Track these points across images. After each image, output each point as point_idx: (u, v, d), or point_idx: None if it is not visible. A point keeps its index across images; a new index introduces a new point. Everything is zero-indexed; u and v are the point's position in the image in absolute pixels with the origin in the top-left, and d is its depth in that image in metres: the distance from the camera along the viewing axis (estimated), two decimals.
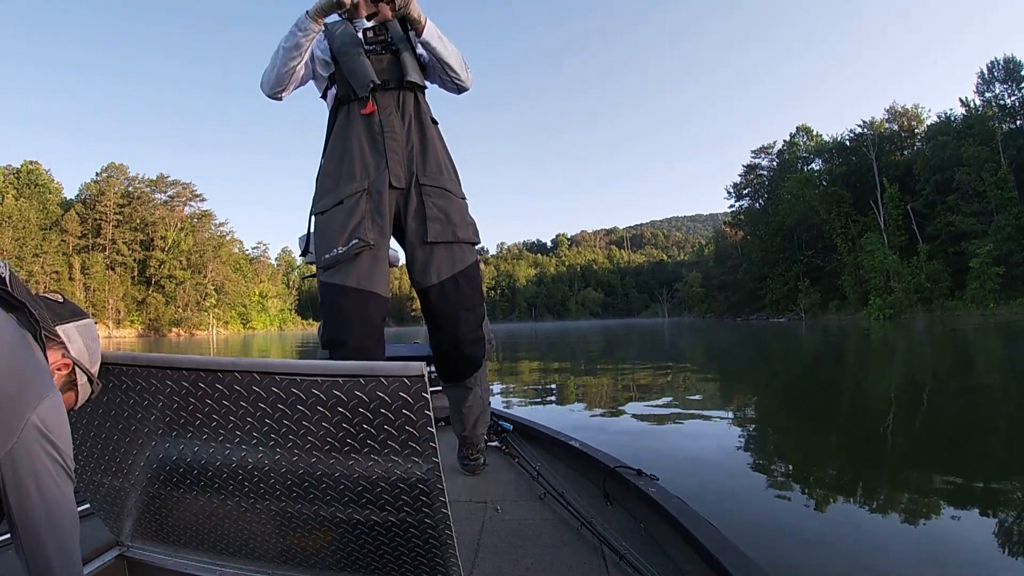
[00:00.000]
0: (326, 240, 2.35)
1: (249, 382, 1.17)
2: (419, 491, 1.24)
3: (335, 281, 2.32)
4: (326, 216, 2.38)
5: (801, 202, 72.72)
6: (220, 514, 1.45)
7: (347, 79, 2.43)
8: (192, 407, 1.26)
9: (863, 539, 3.06)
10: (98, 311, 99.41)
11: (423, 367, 1.07)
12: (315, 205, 2.45)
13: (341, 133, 2.44)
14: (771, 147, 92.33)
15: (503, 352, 21.36)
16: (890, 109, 73.28)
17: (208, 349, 36.25)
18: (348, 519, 1.35)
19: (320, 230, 2.40)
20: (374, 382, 1.11)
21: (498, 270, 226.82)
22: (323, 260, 2.34)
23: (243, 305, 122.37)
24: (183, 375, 1.19)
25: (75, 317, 1.26)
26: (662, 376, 11.78)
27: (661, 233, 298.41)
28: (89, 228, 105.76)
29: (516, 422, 3.69)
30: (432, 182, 2.44)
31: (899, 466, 4.67)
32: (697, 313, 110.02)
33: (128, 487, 1.52)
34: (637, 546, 1.97)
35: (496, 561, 1.94)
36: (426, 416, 1.13)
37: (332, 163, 2.43)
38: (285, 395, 1.16)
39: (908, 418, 6.60)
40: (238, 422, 1.24)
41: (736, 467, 4.61)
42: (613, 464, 2.54)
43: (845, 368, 12.84)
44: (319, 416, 1.17)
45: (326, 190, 2.42)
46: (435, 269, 2.43)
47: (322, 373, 1.12)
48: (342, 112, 2.46)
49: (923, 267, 55.58)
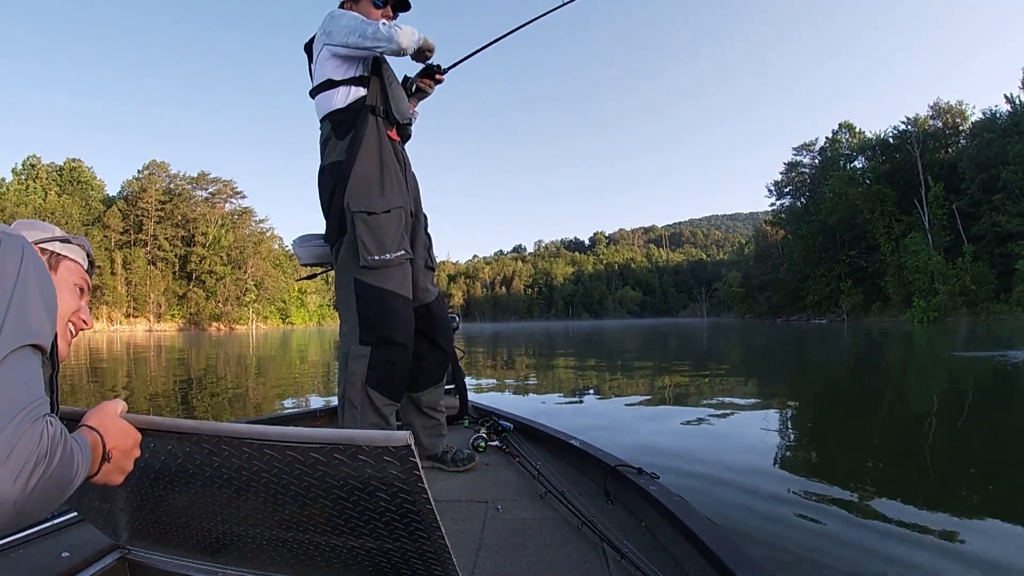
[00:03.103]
0: (376, 242, 2.53)
1: (218, 443, 1.13)
2: (414, 528, 1.20)
3: (385, 285, 2.56)
4: (376, 218, 2.55)
5: (844, 200, 71.62)
6: (221, 517, 1.45)
7: (388, 98, 2.70)
8: (160, 466, 1.23)
9: (863, 538, 3.09)
10: (139, 305, 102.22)
11: (408, 436, 1.01)
12: (355, 202, 2.55)
13: (376, 142, 2.64)
14: (813, 144, 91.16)
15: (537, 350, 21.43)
16: (934, 105, 71.67)
17: (248, 343, 36.20)
18: (344, 544, 1.35)
19: (370, 229, 2.53)
20: (354, 450, 1.05)
21: (535, 268, 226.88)
22: (371, 260, 2.51)
23: (282, 300, 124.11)
24: (149, 435, 1.14)
25: None
26: (685, 378, 11.61)
27: (700, 232, 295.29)
28: (131, 224, 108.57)
29: (516, 421, 3.71)
30: (426, 218, 2.99)
31: (906, 469, 4.61)
32: (736, 313, 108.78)
33: (124, 490, 1.47)
34: (638, 544, 1.99)
35: (497, 560, 1.94)
36: (418, 486, 1.08)
37: (372, 167, 2.61)
38: (259, 456, 1.12)
39: (925, 425, 6.43)
40: (214, 472, 1.21)
41: (737, 466, 4.59)
42: (614, 463, 2.54)
43: (879, 373, 12.73)
44: (299, 472, 1.13)
45: (370, 193, 2.57)
46: (434, 288, 2.97)
47: (296, 441, 1.06)
48: (371, 120, 2.64)
49: (968, 268, 54.31)
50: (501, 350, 23.16)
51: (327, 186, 2.63)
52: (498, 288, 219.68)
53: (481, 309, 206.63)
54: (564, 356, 19.33)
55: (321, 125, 2.73)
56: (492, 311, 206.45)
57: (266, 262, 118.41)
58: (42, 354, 0.86)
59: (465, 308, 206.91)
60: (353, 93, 2.63)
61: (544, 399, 8.91)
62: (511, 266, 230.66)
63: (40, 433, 0.78)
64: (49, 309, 0.91)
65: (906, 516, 3.40)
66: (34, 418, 0.78)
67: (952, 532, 3.15)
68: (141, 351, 25.82)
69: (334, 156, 2.62)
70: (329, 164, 2.63)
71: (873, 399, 8.29)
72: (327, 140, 2.68)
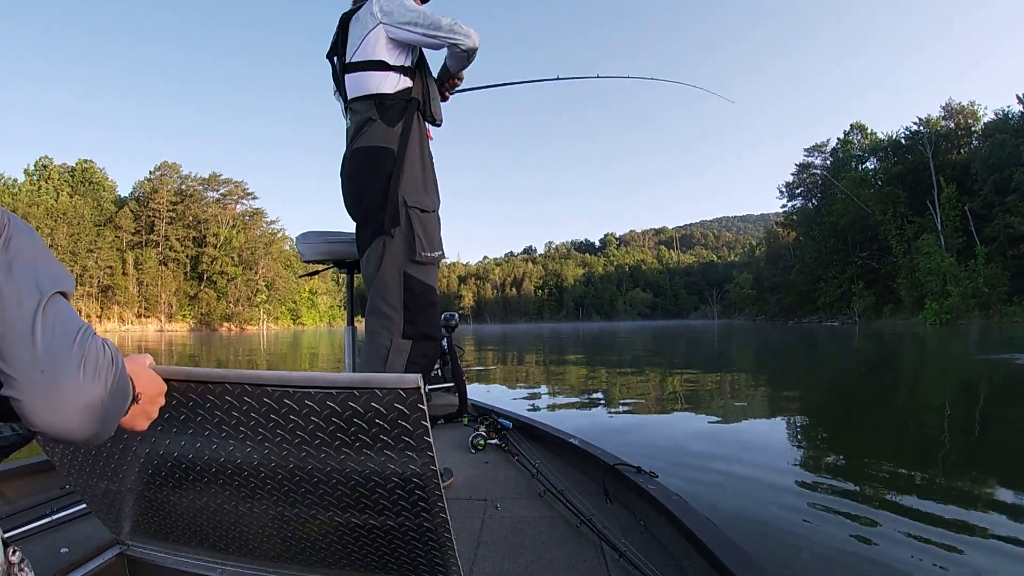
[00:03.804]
0: (429, 238, 2.49)
1: (240, 393, 1.16)
2: (417, 496, 1.23)
3: (430, 281, 2.53)
4: (429, 216, 2.52)
5: (855, 202, 71.27)
6: (219, 513, 1.47)
7: (429, 96, 2.61)
8: (184, 416, 1.24)
9: (863, 538, 3.08)
10: (151, 305, 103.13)
11: (419, 379, 1.06)
12: (409, 197, 2.48)
13: (419, 139, 2.56)
14: (824, 145, 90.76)
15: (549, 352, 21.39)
16: (946, 106, 71.20)
17: (259, 344, 36.25)
18: (347, 522, 1.35)
19: (423, 225, 2.48)
20: (368, 394, 1.08)
21: (546, 269, 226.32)
22: (424, 256, 2.46)
23: (293, 301, 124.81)
24: (173, 386, 1.17)
25: None
26: (689, 379, 11.59)
27: (711, 233, 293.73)
28: (143, 225, 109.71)
29: (516, 420, 3.72)
30: None
31: (908, 469, 4.59)
32: (748, 315, 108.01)
33: (125, 488, 1.53)
34: (636, 543, 2.01)
35: (496, 558, 1.96)
36: (423, 426, 1.11)
37: (417, 164, 2.54)
38: (278, 406, 1.14)
39: (934, 428, 6.32)
40: (230, 430, 1.22)
41: (736, 465, 4.60)
42: (612, 462, 2.56)
43: (887, 375, 12.69)
44: (314, 426, 1.15)
45: (419, 189, 2.52)
46: None
47: (316, 386, 1.09)
48: (417, 115, 2.57)
49: (981, 271, 53.77)
50: (510, 352, 23.12)
51: (375, 169, 2.48)
52: (508, 290, 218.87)
53: (491, 310, 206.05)
54: (572, 357, 19.32)
55: (357, 103, 2.57)
56: (502, 312, 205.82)
57: (277, 263, 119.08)
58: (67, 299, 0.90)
59: (475, 309, 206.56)
60: (402, 82, 2.53)
61: (544, 398, 8.97)
62: (521, 267, 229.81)
63: (102, 343, 0.86)
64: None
65: (908, 516, 3.39)
66: (92, 334, 0.85)
67: (958, 535, 3.11)
68: (152, 351, 25.93)
69: (382, 142, 2.49)
70: (375, 147, 2.49)
71: (880, 402, 8.25)
72: (368, 121, 2.52)
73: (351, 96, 2.59)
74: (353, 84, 2.58)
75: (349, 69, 2.58)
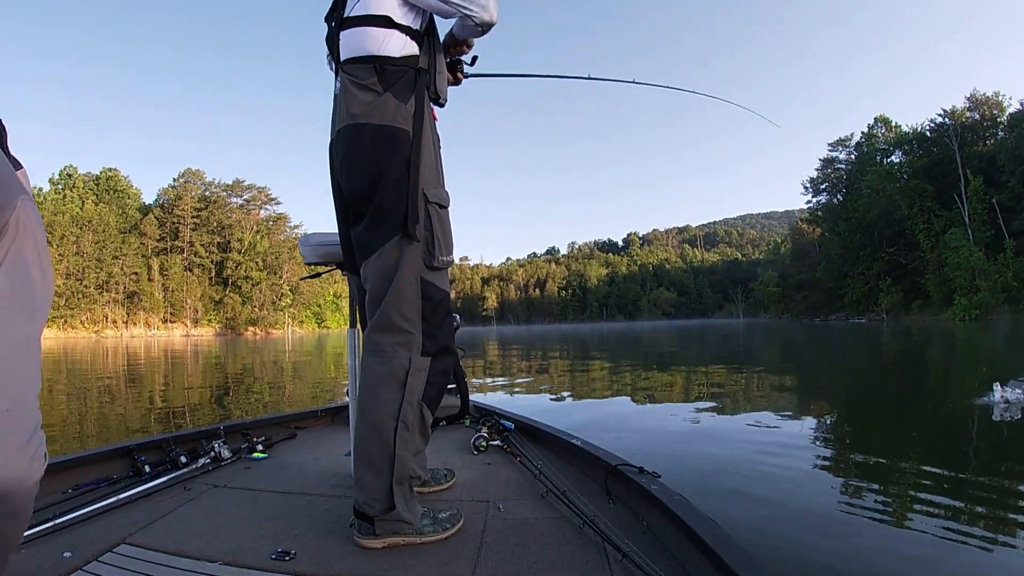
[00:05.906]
0: (446, 239, 2.14)
1: None
2: None
3: (447, 288, 2.19)
4: (446, 213, 2.17)
5: (881, 196, 70.48)
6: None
7: (436, 70, 2.18)
8: None
9: (867, 538, 3.06)
10: (176, 311, 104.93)
11: None
12: (428, 190, 2.09)
13: (429, 119, 2.16)
14: (848, 139, 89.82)
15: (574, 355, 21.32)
16: (971, 97, 70.02)
17: (284, 347, 36.55)
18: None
19: (440, 224, 2.12)
20: None
21: (569, 270, 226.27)
22: (442, 260, 2.12)
23: (318, 305, 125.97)
24: None
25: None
26: (702, 379, 11.44)
27: (735, 231, 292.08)
28: (167, 231, 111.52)
29: (518, 421, 3.70)
30: None
31: (908, 469, 4.54)
32: (773, 313, 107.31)
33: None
34: (640, 544, 1.97)
35: (498, 560, 1.94)
36: None
37: (432, 151, 2.15)
38: None
39: (958, 430, 6.07)
40: None
41: (738, 465, 4.58)
42: (615, 462, 2.54)
43: (913, 371, 12.49)
44: None
45: (436, 182, 2.16)
46: None
47: None
48: (426, 95, 2.14)
49: (1010, 264, 52.85)
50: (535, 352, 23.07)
51: (391, 154, 2.03)
52: (532, 290, 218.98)
53: (515, 312, 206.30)
54: (596, 357, 19.25)
55: (352, 66, 2.08)
56: (526, 314, 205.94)
57: (301, 267, 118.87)
58: None
59: (499, 311, 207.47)
60: (409, 47, 2.08)
61: (544, 398, 8.97)
62: (544, 268, 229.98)
63: None
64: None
65: (912, 517, 3.37)
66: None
67: (969, 537, 3.04)
68: (178, 356, 26.30)
69: (394, 121, 2.03)
70: (390, 127, 2.03)
71: (901, 402, 8.16)
72: (368, 90, 2.04)
73: (345, 56, 2.12)
74: (349, 42, 2.11)
75: (346, 25, 2.12)
